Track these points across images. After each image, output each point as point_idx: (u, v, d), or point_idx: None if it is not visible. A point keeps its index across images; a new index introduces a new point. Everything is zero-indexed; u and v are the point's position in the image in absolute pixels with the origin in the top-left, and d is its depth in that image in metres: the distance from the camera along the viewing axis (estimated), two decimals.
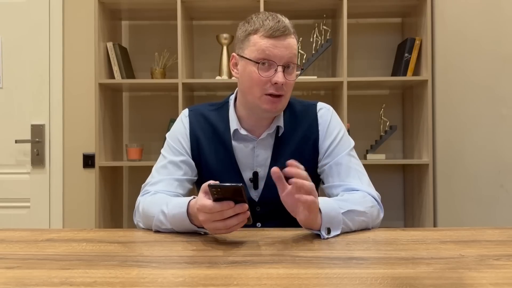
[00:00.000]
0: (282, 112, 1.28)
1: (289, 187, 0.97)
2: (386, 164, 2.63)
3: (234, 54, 1.25)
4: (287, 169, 0.96)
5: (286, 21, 1.20)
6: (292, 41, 1.19)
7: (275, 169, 0.96)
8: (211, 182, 0.91)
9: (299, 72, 1.23)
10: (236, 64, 1.25)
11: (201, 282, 0.70)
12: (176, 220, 1.06)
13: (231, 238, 1.01)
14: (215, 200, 0.91)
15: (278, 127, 1.27)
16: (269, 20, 1.17)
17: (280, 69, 1.16)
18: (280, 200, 0.98)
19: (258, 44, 1.17)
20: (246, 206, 0.92)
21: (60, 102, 2.69)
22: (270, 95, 1.18)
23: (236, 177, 1.27)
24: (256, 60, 1.17)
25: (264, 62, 1.16)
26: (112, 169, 2.56)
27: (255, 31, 1.18)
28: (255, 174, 1.27)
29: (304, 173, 0.96)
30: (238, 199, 0.91)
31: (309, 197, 0.95)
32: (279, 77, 1.15)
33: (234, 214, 0.92)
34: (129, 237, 1.07)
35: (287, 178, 0.97)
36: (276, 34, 1.15)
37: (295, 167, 0.96)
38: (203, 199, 0.93)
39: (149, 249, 0.97)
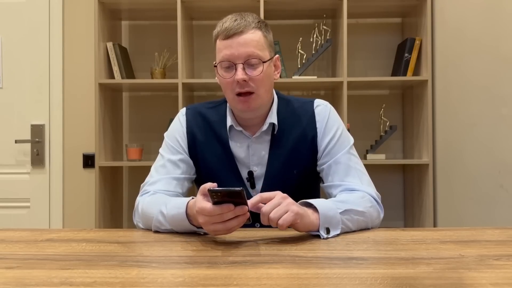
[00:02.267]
0: (276, 109, 1.28)
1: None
2: (386, 164, 2.63)
3: (214, 62, 1.26)
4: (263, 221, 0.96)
5: (248, 18, 1.19)
6: (251, 36, 1.16)
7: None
8: (211, 186, 0.91)
9: (266, 66, 1.18)
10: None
11: (201, 282, 0.70)
12: (175, 220, 1.06)
13: (230, 238, 1.01)
14: (214, 203, 0.91)
15: (273, 125, 1.27)
16: (227, 22, 1.18)
17: (239, 66, 1.16)
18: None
19: (219, 48, 1.19)
20: (246, 208, 0.92)
21: (60, 102, 2.69)
22: (239, 94, 1.18)
23: (234, 175, 1.27)
24: (217, 64, 1.19)
25: (224, 64, 1.17)
26: (112, 169, 2.55)
27: (217, 36, 1.20)
28: (250, 173, 1.27)
29: (266, 208, 0.95)
30: (238, 201, 0.91)
31: (281, 222, 0.94)
32: (238, 74, 1.15)
33: (234, 216, 0.92)
34: (129, 237, 1.07)
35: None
36: (231, 33, 1.16)
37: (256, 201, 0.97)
38: (202, 202, 0.93)
39: (149, 249, 0.97)
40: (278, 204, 0.96)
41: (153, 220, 1.11)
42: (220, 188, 0.89)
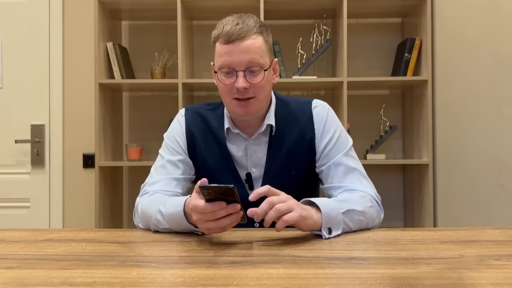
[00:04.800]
0: (274, 110, 1.28)
1: None
2: (386, 164, 2.63)
3: (211, 63, 1.25)
4: (256, 219, 0.95)
5: (249, 21, 1.16)
6: (252, 42, 1.14)
7: (251, 198, 0.95)
8: (203, 183, 0.91)
9: (267, 72, 1.18)
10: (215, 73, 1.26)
11: (201, 282, 0.70)
12: (173, 219, 1.06)
13: (230, 238, 1.01)
14: (207, 200, 0.91)
15: (271, 126, 1.27)
16: (228, 25, 1.15)
17: (240, 74, 1.15)
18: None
19: (219, 52, 1.17)
20: (239, 206, 0.92)
21: (60, 102, 2.69)
22: (238, 99, 1.18)
23: (232, 176, 1.27)
24: (218, 69, 1.17)
25: (224, 70, 1.16)
26: (112, 169, 2.56)
27: (217, 39, 1.18)
28: (248, 175, 1.27)
29: (264, 206, 0.95)
30: (230, 199, 0.90)
31: (280, 223, 0.94)
32: (239, 82, 1.14)
33: (227, 214, 0.92)
34: (129, 237, 1.07)
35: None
36: (232, 38, 1.14)
37: (259, 195, 0.96)
38: (196, 199, 0.93)
39: (149, 249, 0.97)
40: (285, 201, 0.96)
41: (152, 219, 1.11)
42: (211, 185, 0.89)
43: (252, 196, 0.95)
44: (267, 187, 0.98)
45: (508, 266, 0.77)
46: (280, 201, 0.96)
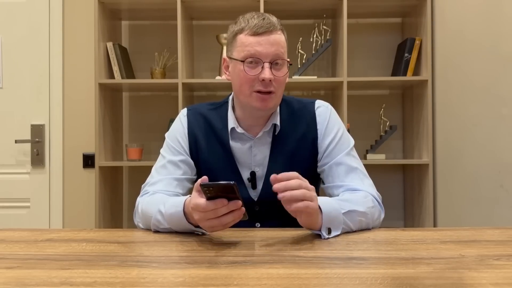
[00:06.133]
0: (279, 110, 1.28)
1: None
2: (386, 164, 2.63)
3: (225, 57, 1.26)
4: (274, 187, 0.93)
5: (273, 19, 1.19)
6: (279, 37, 1.18)
7: (273, 177, 0.93)
8: (203, 181, 0.91)
9: (288, 69, 1.21)
10: (227, 67, 1.26)
11: (201, 282, 0.70)
12: (173, 219, 1.06)
13: (230, 238, 1.01)
14: (208, 198, 0.91)
15: (275, 125, 1.27)
16: (254, 19, 1.17)
17: (266, 65, 1.15)
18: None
19: (243, 43, 1.17)
20: (240, 203, 0.92)
21: (60, 102, 2.69)
22: (259, 92, 1.17)
23: (235, 176, 1.27)
24: (242, 59, 1.17)
25: (250, 60, 1.16)
26: (112, 169, 2.56)
27: (240, 31, 1.18)
28: (253, 174, 1.27)
29: (293, 182, 0.93)
30: (232, 196, 0.90)
31: (300, 204, 0.93)
32: (265, 73, 1.15)
33: (229, 211, 0.92)
34: (129, 237, 1.07)
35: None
36: (260, 31, 1.15)
37: (279, 179, 0.93)
38: (196, 198, 0.93)
39: (149, 249, 0.97)
40: (306, 189, 0.95)
41: (152, 219, 1.11)
42: (211, 183, 0.88)
43: (276, 177, 0.93)
44: (296, 174, 0.96)
45: (508, 266, 0.77)
46: (308, 188, 0.95)
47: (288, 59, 1.22)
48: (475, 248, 0.90)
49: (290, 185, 0.93)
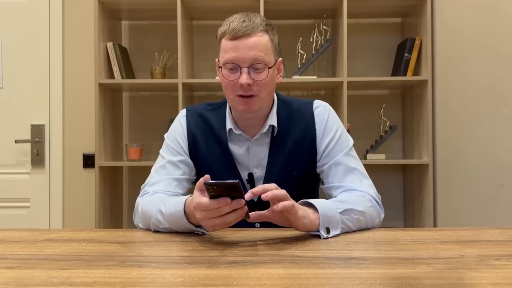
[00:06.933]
0: (276, 111, 1.28)
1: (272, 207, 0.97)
2: (386, 164, 2.63)
3: (216, 60, 1.25)
4: (262, 197, 0.95)
5: (256, 19, 1.17)
6: (258, 40, 1.15)
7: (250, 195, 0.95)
8: (207, 179, 0.90)
9: (271, 70, 1.18)
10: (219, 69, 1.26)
11: (201, 282, 0.70)
12: (173, 219, 1.06)
13: (230, 238, 1.01)
14: (211, 197, 0.91)
15: (273, 127, 1.27)
16: (234, 22, 1.16)
17: (244, 70, 1.15)
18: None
19: (224, 48, 1.17)
20: (243, 201, 0.92)
21: (60, 102, 2.69)
22: (241, 96, 1.18)
23: (234, 176, 1.26)
24: (222, 64, 1.18)
25: (229, 66, 1.16)
26: (112, 169, 2.56)
27: (223, 35, 1.18)
28: (250, 175, 1.27)
29: (272, 186, 0.97)
30: (235, 194, 0.90)
31: (287, 202, 0.95)
32: (242, 79, 1.14)
33: (231, 210, 0.92)
34: (129, 237, 1.07)
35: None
36: (238, 34, 1.14)
37: (261, 190, 0.96)
38: (199, 197, 0.93)
39: (149, 249, 0.97)
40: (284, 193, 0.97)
41: (152, 219, 1.11)
42: (215, 181, 0.88)
43: (256, 191, 0.95)
44: (274, 185, 0.98)
45: (508, 266, 0.78)
46: (281, 191, 0.97)
47: (276, 60, 1.20)
48: (475, 248, 0.90)
49: (263, 188, 0.95)
